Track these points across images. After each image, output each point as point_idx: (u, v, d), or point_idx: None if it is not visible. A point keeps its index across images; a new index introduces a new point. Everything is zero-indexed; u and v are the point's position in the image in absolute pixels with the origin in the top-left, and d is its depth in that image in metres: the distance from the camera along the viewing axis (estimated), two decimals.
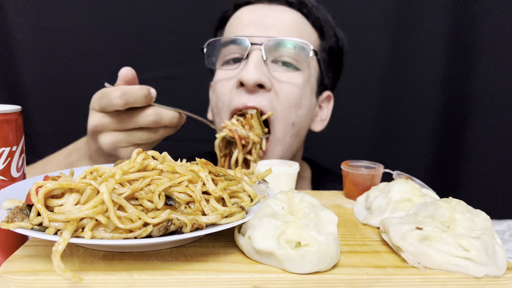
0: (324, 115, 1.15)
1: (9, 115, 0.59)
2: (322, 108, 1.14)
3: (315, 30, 1.04)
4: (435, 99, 1.51)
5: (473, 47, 1.44)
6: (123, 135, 0.79)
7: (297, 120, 1.00)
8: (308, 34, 1.02)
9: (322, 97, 1.11)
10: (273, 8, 1.02)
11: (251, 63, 0.93)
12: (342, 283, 0.47)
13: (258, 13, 1.01)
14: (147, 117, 0.78)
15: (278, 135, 0.98)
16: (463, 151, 1.52)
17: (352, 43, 1.15)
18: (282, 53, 0.97)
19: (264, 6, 1.02)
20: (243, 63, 0.96)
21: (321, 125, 1.14)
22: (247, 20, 1.01)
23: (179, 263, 0.49)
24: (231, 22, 1.05)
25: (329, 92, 1.14)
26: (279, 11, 1.01)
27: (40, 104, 1.47)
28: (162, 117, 0.79)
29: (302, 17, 1.02)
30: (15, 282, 0.44)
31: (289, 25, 0.99)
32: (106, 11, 1.41)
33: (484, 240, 0.50)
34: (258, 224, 0.51)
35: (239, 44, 0.97)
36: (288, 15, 1.01)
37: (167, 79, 1.45)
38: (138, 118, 0.78)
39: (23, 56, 1.41)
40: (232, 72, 0.99)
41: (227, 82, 0.99)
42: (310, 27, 1.03)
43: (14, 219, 0.48)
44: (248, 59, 0.95)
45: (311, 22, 1.03)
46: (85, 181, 0.48)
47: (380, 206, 0.66)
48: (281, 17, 1.00)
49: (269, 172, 0.65)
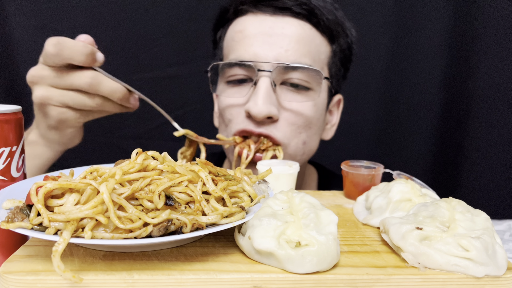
0: (334, 120, 1.11)
1: (9, 115, 0.59)
2: (332, 113, 1.10)
3: (324, 37, 0.97)
4: (435, 99, 1.51)
5: (473, 47, 1.44)
6: (55, 91, 0.74)
7: (308, 139, 0.97)
8: (318, 45, 0.96)
9: (332, 103, 1.07)
10: (279, 20, 0.93)
11: (260, 94, 0.88)
12: (342, 283, 0.47)
13: (263, 27, 0.93)
14: (84, 78, 0.72)
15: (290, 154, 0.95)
16: (463, 151, 1.52)
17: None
18: (291, 76, 0.92)
19: (268, 17, 0.94)
20: (251, 90, 0.91)
21: (331, 131, 1.11)
22: (251, 35, 0.93)
23: (179, 263, 0.49)
24: (233, 35, 0.97)
25: (339, 95, 1.09)
26: (286, 24, 0.93)
27: None
28: (101, 83, 0.73)
29: (311, 28, 0.94)
30: (15, 282, 0.44)
31: (297, 42, 0.91)
32: (106, 11, 1.41)
33: (484, 240, 0.50)
34: (258, 224, 0.51)
35: (245, 68, 0.93)
36: (296, 29, 0.92)
37: (167, 79, 1.45)
38: (74, 77, 0.73)
39: (23, 56, 1.41)
40: (240, 99, 0.93)
41: (234, 109, 0.95)
42: (319, 36, 0.96)
43: (14, 219, 0.48)
44: (256, 88, 0.90)
45: (320, 30, 0.96)
46: (85, 181, 0.48)
47: (380, 206, 0.66)
48: (288, 32, 0.92)
49: (269, 172, 0.65)
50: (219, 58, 1.05)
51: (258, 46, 0.91)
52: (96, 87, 0.73)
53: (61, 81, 0.73)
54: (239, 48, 0.94)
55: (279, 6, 0.93)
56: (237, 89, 0.95)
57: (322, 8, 0.95)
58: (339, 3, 1.02)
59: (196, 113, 1.46)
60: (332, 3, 1.00)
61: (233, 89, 0.96)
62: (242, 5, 0.97)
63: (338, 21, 0.99)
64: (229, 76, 0.96)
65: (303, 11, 0.93)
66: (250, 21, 0.95)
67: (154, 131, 1.42)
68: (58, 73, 0.73)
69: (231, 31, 0.99)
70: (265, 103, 0.88)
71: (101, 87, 0.74)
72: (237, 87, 0.96)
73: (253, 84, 0.91)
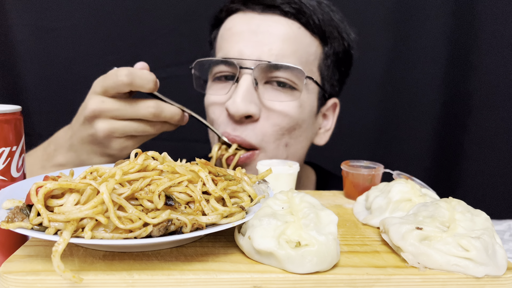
0: (329, 125, 1.07)
1: (9, 115, 0.59)
2: (327, 117, 1.07)
3: (315, 37, 0.95)
4: (435, 99, 1.51)
5: (473, 47, 1.44)
6: (119, 124, 0.75)
7: (291, 141, 0.94)
8: (306, 46, 0.93)
9: (326, 106, 1.03)
10: (267, 18, 0.92)
11: (239, 92, 0.87)
12: (342, 283, 0.47)
13: (250, 25, 0.92)
14: (148, 108, 0.74)
15: (269, 152, 0.92)
16: (463, 151, 1.52)
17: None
18: (276, 74, 0.90)
19: (256, 15, 0.93)
20: (233, 88, 0.90)
21: (326, 136, 1.08)
22: (238, 33, 0.92)
23: (179, 263, 0.49)
24: (222, 32, 0.98)
25: (335, 99, 1.06)
26: (273, 23, 0.91)
27: (40, 104, 1.47)
28: (163, 111, 0.75)
29: (299, 27, 0.92)
30: (15, 282, 0.44)
31: (283, 41, 0.90)
32: (106, 11, 1.41)
33: (484, 240, 0.50)
34: (258, 224, 0.51)
35: (229, 65, 0.92)
36: (283, 27, 0.91)
37: (167, 79, 1.45)
38: (139, 108, 0.74)
39: (23, 56, 1.41)
40: (222, 97, 0.92)
41: (217, 108, 0.94)
42: (309, 36, 0.94)
43: (14, 219, 0.48)
44: (238, 85, 0.88)
45: (311, 30, 0.93)
46: (85, 181, 0.48)
47: (380, 206, 0.66)
48: (274, 30, 0.90)
49: (269, 172, 0.65)
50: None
51: (243, 44, 0.90)
52: (159, 116, 0.75)
53: (125, 113, 0.74)
54: (226, 45, 0.94)
55: (268, 4, 0.92)
56: (221, 86, 0.95)
57: (314, 8, 0.93)
58: (338, 5, 1.01)
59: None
60: (329, 4, 0.99)
61: (218, 85, 0.96)
62: (233, 3, 0.97)
63: (332, 23, 0.97)
64: (215, 74, 0.96)
65: (291, 9, 0.91)
66: (239, 19, 0.95)
67: None
68: (119, 105, 0.74)
69: (222, 29, 0.99)
70: (244, 101, 0.86)
71: (163, 114, 0.76)
72: (222, 83, 0.95)
73: (234, 82, 0.90)
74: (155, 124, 0.78)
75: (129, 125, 0.76)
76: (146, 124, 0.77)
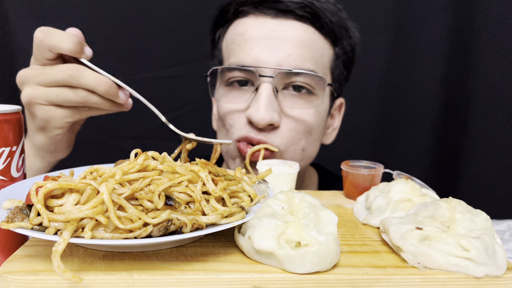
0: (335, 124, 1.08)
1: (9, 115, 0.59)
2: (334, 117, 1.07)
3: (327, 40, 0.95)
4: (435, 99, 1.51)
5: (473, 47, 1.44)
6: (41, 89, 0.71)
7: (307, 145, 0.95)
8: (321, 49, 0.93)
9: (334, 107, 1.04)
10: (281, 23, 0.90)
11: (261, 101, 0.86)
12: (342, 283, 0.47)
13: (264, 30, 0.90)
14: (66, 70, 0.69)
15: (287, 155, 0.93)
16: (463, 151, 1.52)
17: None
18: (294, 80, 0.90)
19: (270, 20, 0.91)
20: (252, 96, 0.89)
21: (332, 135, 1.08)
22: (252, 38, 0.90)
23: (179, 263, 0.49)
24: (233, 37, 0.95)
25: (341, 98, 1.07)
26: (288, 27, 0.90)
27: None
28: (84, 75, 0.69)
29: (314, 32, 0.92)
30: (15, 282, 0.44)
31: (300, 46, 0.89)
32: (106, 11, 1.41)
33: (484, 240, 0.50)
34: (258, 224, 0.51)
35: (246, 73, 0.91)
36: (299, 33, 0.90)
37: (167, 79, 1.45)
38: (58, 70, 0.70)
39: (23, 56, 1.41)
40: (240, 105, 0.91)
41: (235, 115, 0.92)
42: (322, 39, 0.93)
43: (14, 219, 0.48)
44: (258, 94, 0.87)
45: (324, 33, 0.93)
46: (85, 181, 0.48)
47: (380, 206, 0.66)
48: (291, 36, 0.89)
49: (269, 172, 0.65)
50: (218, 59, 1.03)
51: (260, 50, 0.89)
52: (78, 79, 0.69)
53: (46, 78, 0.70)
54: (240, 51, 0.92)
55: (282, 8, 0.90)
56: (238, 94, 0.93)
57: (326, 11, 0.92)
58: (341, 3, 1.01)
59: (196, 113, 1.46)
60: (335, 3, 0.98)
61: (234, 93, 0.94)
62: (243, 6, 0.94)
63: (341, 23, 0.96)
64: (229, 79, 0.94)
65: (306, 14, 0.90)
66: (251, 24, 0.92)
67: (154, 131, 1.42)
68: (43, 69, 0.70)
69: (231, 32, 0.97)
70: (267, 110, 0.85)
71: (84, 79, 0.69)
72: (237, 91, 0.93)
73: (254, 90, 0.89)
74: (78, 91, 0.71)
75: (50, 90, 0.71)
76: (67, 90, 0.71)
